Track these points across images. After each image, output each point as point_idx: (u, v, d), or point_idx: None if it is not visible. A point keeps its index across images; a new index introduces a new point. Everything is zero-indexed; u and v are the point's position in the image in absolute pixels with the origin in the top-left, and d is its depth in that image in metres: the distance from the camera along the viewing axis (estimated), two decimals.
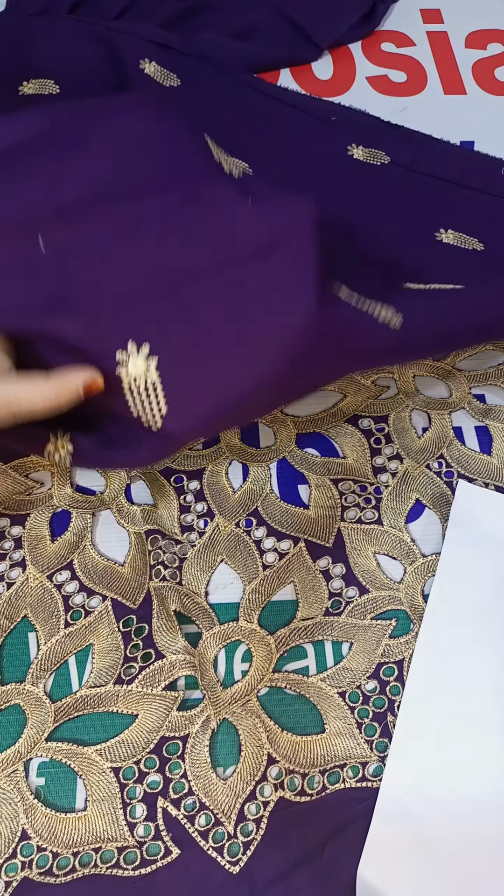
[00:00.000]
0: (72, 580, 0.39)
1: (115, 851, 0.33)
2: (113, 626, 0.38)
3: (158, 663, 0.36)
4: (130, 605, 0.38)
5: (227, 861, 0.33)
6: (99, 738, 0.35)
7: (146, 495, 0.41)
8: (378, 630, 0.38)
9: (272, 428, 0.44)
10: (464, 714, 0.36)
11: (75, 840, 0.33)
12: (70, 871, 0.32)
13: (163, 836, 0.33)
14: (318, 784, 0.34)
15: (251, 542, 0.40)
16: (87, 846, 0.33)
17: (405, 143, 0.55)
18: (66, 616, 0.38)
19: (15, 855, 0.33)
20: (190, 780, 0.34)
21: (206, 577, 0.39)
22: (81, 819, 0.33)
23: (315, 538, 0.40)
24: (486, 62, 0.63)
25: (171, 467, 0.42)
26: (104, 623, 0.38)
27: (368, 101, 0.60)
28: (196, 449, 0.43)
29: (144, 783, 0.34)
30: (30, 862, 0.32)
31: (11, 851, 0.33)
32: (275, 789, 0.34)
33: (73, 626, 0.37)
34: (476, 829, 0.34)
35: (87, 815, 0.33)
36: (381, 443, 0.44)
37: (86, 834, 0.33)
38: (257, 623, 0.38)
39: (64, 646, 0.37)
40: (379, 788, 0.34)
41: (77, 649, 0.37)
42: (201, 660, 0.37)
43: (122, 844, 0.33)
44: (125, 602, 0.38)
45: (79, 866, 0.32)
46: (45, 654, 0.37)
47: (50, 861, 0.32)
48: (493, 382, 0.46)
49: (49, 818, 0.33)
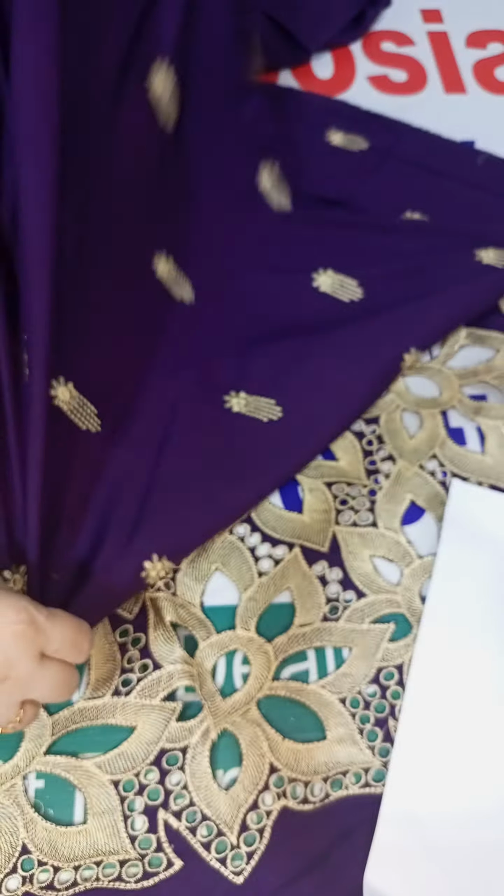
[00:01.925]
0: None
1: (117, 864, 0.33)
2: (109, 637, 0.37)
3: (156, 674, 0.36)
4: (126, 615, 0.38)
5: (230, 872, 0.32)
6: (98, 751, 0.35)
7: None
8: (377, 634, 0.38)
9: None
10: (466, 716, 0.36)
11: (76, 854, 0.33)
12: (72, 885, 0.32)
13: (164, 848, 0.33)
14: (321, 791, 0.34)
15: (245, 550, 0.40)
16: (89, 859, 0.32)
17: (385, 131, 0.56)
18: None
19: (15, 870, 0.32)
20: (191, 792, 0.34)
21: (200, 587, 0.39)
22: (82, 832, 0.33)
23: (310, 543, 0.40)
24: (487, 62, 0.64)
25: None
26: (100, 633, 0.37)
27: (369, 100, 0.60)
28: None
29: (145, 795, 0.34)
30: (31, 877, 0.32)
31: (12, 866, 0.32)
32: (277, 798, 0.34)
33: None
34: (482, 831, 0.33)
35: (88, 829, 0.33)
36: (373, 444, 0.44)
37: (87, 847, 0.33)
38: (255, 631, 0.37)
39: None
40: (382, 794, 0.34)
41: None
42: (199, 669, 0.36)
43: (124, 857, 0.33)
44: (121, 612, 0.38)
45: (80, 880, 0.32)
46: None
47: (51, 875, 0.32)
48: (482, 378, 0.46)
49: (49, 832, 0.33)
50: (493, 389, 0.46)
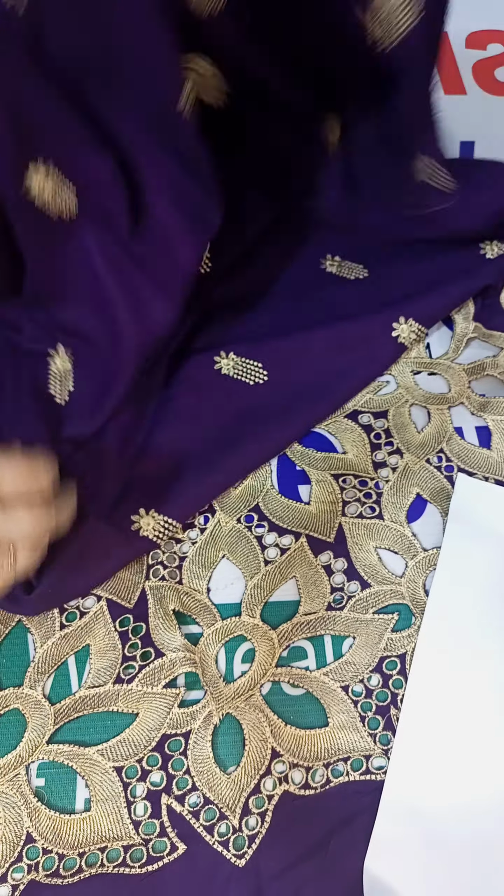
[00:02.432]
0: None
1: (121, 850, 0.33)
2: (109, 626, 0.38)
3: (158, 661, 0.36)
4: (126, 605, 0.38)
5: (232, 854, 0.33)
6: (100, 739, 0.35)
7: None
8: (380, 624, 0.38)
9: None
10: (467, 706, 0.36)
11: (80, 841, 0.33)
12: (77, 872, 0.32)
13: (168, 833, 0.33)
14: (322, 777, 0.34)
15: (252, 538, 0.40)
16: (93, 846, 0.33)
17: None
18: (62, 618, 0.38)
19: (21, 858, 0.33)
20: (193, 776, 0.34)
21: (207, 573, 0.39)
22: (86, 819, 0.33)
23: (316, 533, 0.40)
24: (487, 62, 0.63)
25: None
26: (100, 623, 0.38)
27: None
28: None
29: (147, 781, 0.34)
30: (36, 865, 0.33)
31: (17, 855, 0.33)
32: (279, 783, 0.34)
33: (68, 628, 0.37)
34: (481, 820, 0.34)
35: (92, 816, 0.34)
36: (381, 438, 0.44)
37: (91, 834, 0.33)
38: (259, 618, 0.38)
39: (60, 648, 0.37)
40: (383, 781, 0.34)
41: (74, 650, 0.37)
42: (202, 656, 0.37)
43: (128, 843, 0.33)
44: (120, 601, 0.38)
45: (85, 866, 0.33)
46: (42, 656, 0.37)
47: (56, 863, 0.33)
48: (490, 373, 0.46)
49: (53, 820, 0.33)
50: (491, 381, 0.47)
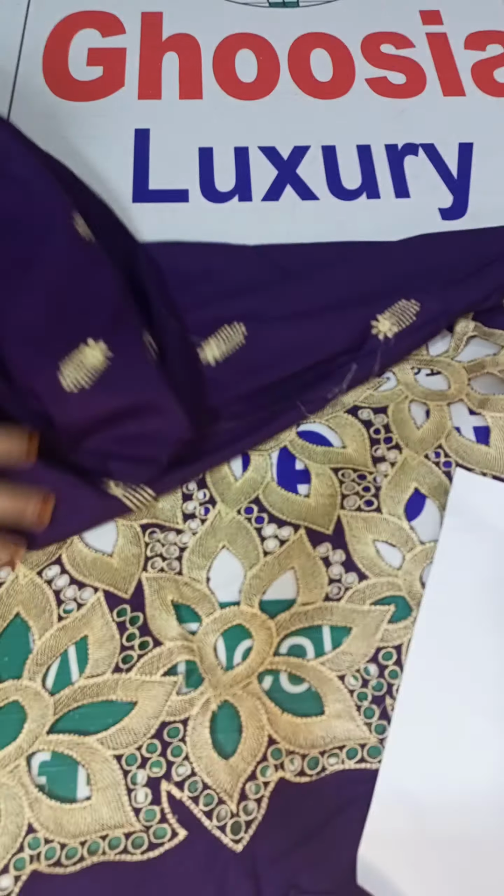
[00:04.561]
0: (62, 574, 0.39)
1: (123, 837, 0.33)
2: (107, 617, 0.38)
3: (157, 650, 0.37)
4: (123, 595, 0.39)
5: (230, 839, 0.33)
6: (100, 727, 0.35)
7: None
8: (377, 615, 0.38)
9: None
10: (461, 697, 0.36)
11: (82, 829, 0.33)
12: (79, 861, 0.33)
13: (168, 819, 0.34)
14: (318, 765, 0.35)
15: (252, 529, 0.41)
16: (95, 834, 0.33)
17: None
18: (59, 610, 0.38)
19: (22, 849, 0.33)
20: (192, 762, 0.35)
21: (206, 563, 0.40)
22: (87, 808, 0.34)
23: (315, 525, 0.41)
24: (486, 63, 0.64)
25: None
26: (97, 614, 0.38)
27: (367, 102, 0.61)
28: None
29: (147, 768, 0.35)
30: (38, 855, 0.33)
31: (19, 846, 0.33)
32: (275, 770, 0.34)
33: (66, 620, 0.38)
34: (476, 809, 0.34)
35: (93, 804, 0.34)
36: (381, 433, 0.44)
37: (92, 822, 0.33)
38: (258, 607, 0.38)
39: (58, 639, 0.37)
40: (378, 770, 0.35)
41: (72, 642, 0.37)
42: (201, 644, 0.37)
43: (129, 830, 0.33)
44: (117, 592, 0.39)
45: (87, 855, 0.33)
46: (40, 648, 0.37)
47: (58, 852, 0.33)
48: (490, 371, 0.47)
49: (54, 810, 0.34)
50: (490, 378, 0.47)
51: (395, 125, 0.59)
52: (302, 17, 0.66)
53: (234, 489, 0.42)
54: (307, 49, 0.64)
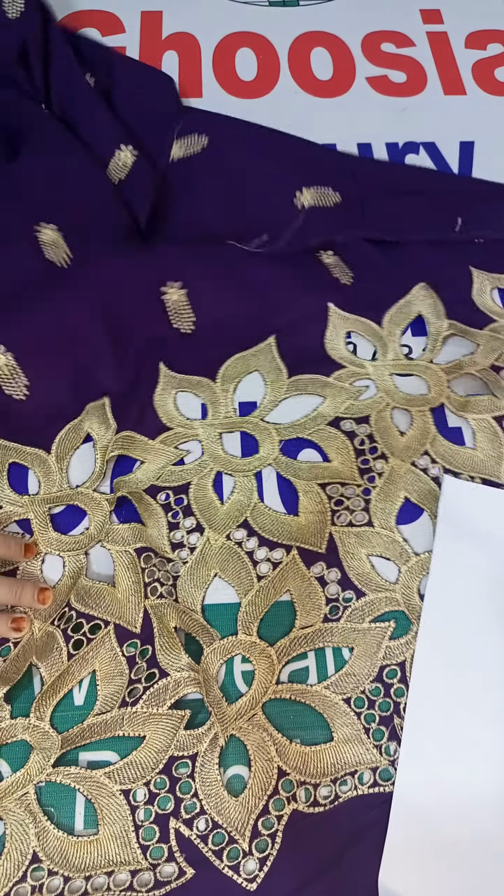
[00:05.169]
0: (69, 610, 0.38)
1: (129, 874, 0.32)
2: (115, 651, 0.37)
3: (163, 682, 0.36)
4: (132, 630, 0.37)
5: (243, 879, 0.32)
6: (107, 761, 0.34)
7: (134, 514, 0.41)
8: (378, 633, 0.38)
9: (256, 437, 0.44)
10: (470, 709, 0.36)
11: (87, 864, 0.32)
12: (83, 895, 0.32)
13: (176, 857, 0.33)
14: (331, 793, 0.34)
15: (243, 554, 0.40)
16: (100, 870, 0.32)
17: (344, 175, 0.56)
18: (68, 646, 0.37)
19: (25, 878, 0.32)
20: (201, 799, 0.34)
21: (200, 593, 0.39)
22: (93, 842, 0.33)
23: (307, 545, 0.40)
24: (486, 62, 0.64)
25: (156, 485, 0.42)
26: (106, 648, 0.37)
27: (368, 101, 0.61)
28: (179, 464, 0.43)
29: (155, 804, 0.34)
30: (40, 886, 0.32)
31: (21, 875, 0.32)
32: (287, 802, 0.34)
33: (75, 656, 0.37)
34: (494, 825, 0.34)
35: (99, 839, 0.33)
36: (365, 443, 0.44)
37: (98, 857, 0.32)
38: (257, 635, 0.37)
39: (67, 676, 0.36)
40: (392, 793, 0.34)
41: (80, 678, 0.36)
42: (205, 675, 0.36)
43: (135, 867, 0.32)
44: (126, 626, 0.38)
45: (91, 890, 0.32)
46: (49, 686, 0.36)
47: (61, 885, 0.32)
48: (468, 371, 0.46)
49: (61, 841, 0.33)
50: (468, 378, 0.47)
51: (395, 124, 0.60)
52: (302, 16, 0.66)
53: (221, 513, 0.41)
54: (307, 47, 0.64)
